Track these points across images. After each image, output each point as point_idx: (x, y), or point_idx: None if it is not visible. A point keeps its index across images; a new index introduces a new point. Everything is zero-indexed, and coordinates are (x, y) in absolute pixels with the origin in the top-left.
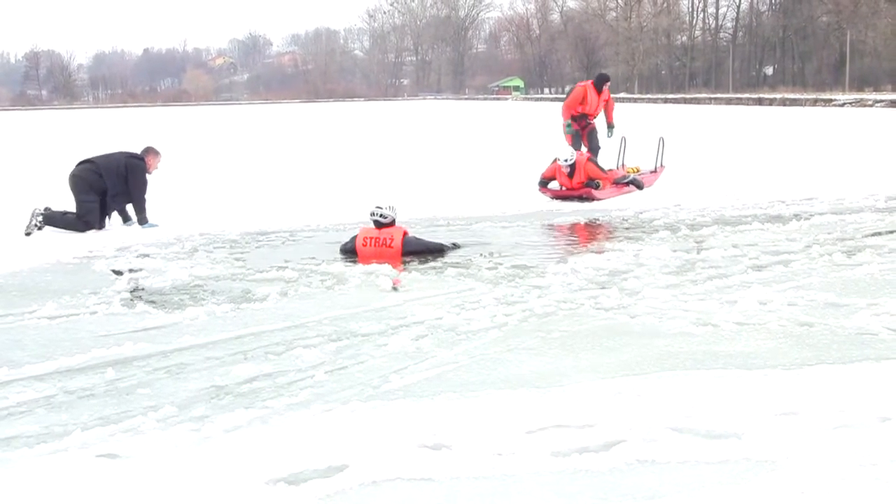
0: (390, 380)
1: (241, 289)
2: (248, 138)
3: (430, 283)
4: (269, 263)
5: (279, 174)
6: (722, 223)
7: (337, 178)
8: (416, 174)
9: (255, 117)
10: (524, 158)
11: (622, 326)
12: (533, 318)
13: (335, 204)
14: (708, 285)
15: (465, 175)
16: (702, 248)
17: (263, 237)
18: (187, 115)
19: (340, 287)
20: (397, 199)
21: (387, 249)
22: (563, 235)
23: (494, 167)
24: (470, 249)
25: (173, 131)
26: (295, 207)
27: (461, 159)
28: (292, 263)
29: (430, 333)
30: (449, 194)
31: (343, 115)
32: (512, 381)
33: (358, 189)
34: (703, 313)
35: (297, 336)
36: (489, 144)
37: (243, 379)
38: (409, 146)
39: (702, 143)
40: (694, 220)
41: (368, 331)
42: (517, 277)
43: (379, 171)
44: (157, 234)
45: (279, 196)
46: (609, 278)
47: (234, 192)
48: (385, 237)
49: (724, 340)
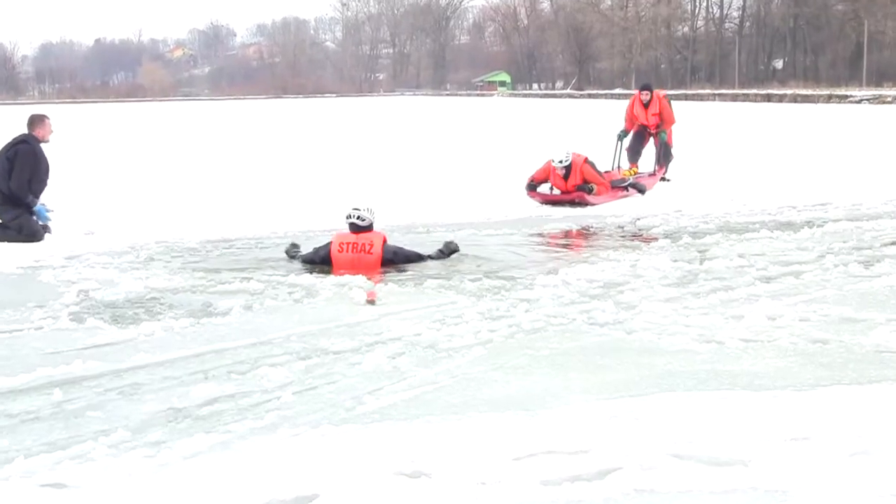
0: (364, 401)
1: (201, 302)
2: (209, 137)
3: (409, 296)
4: (232, 274)
5: (244, 176)
6: (727, 231)
7: (307, 181)
8: (394, 177)
9: (217, 114)
10: (511, 160)
11: (618, 343)
12: (520, 335)
13: (305, 209)
14: (712, 298)
15: (447, 178)
16: (705, 258)
17: (226, 245)
18: (143, 111)
19: (310, 300)
20: (373, 204)
21: (366, 256)
22: (554, 244)
23: (478, 169)
24: (452, 259)
25: (127, 129)
26: (261, 213)
27: (442, 161)
28: (258, 274)
29: (407, 351)
30: (429, 199)
31: (313, 113)
32: (497, 402)
33: (330, 193)
34: (707, 329)
35: (262, 353)
36: (473, 144)
37: (203, 400)
38: (385, 146)
39: (705, 143)
40: (696, 227)
41: (341, 348)
42: (503, 290)
43: (353, 174)
44: (110, 242)
45: (244, 200)
46: (603, 291)
47: (195, 195)
48: (364, 242)
49: (729, 359)
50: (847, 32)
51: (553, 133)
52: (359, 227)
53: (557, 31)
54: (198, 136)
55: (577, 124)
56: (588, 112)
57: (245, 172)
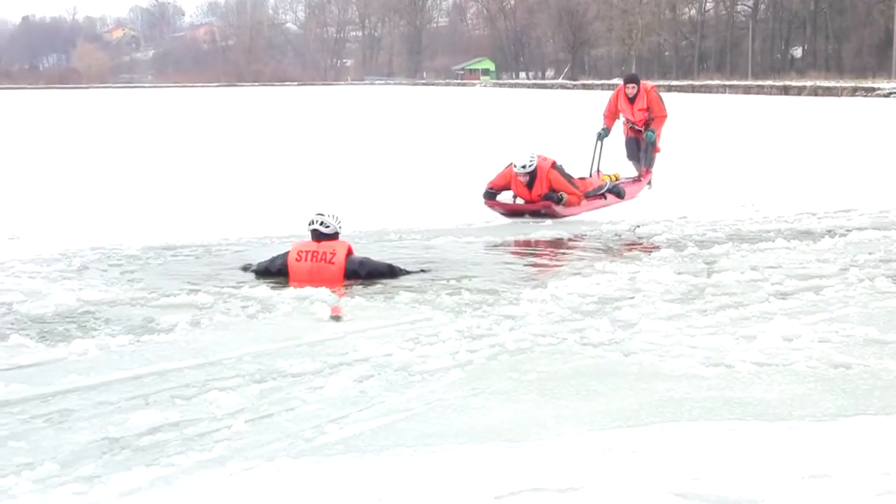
0: (327, 431)
1: (141, 317)
2: (153, 130)
3: (378, 312)
4: (177, 285)
5: (192, 175)
6: (738, 240)
7: (264, 180)
8: (363, 177)
9: (163, 103)
10: (494, 158)
11: (614, 366)
12: (504, 356)
13: (262, 213)
14: (720, 316)
15: (423, 178)
16: (713, 271)
17: (171, 252)
18: (77, 99)
19: (266, 315)
20: (339, 207)
21: (326, 266)
22: (542, 254)
23: (458, 169)
24: (424, 272)
25: (59, 119)
26: (211, 216)
27: (418, 159)
28: (207, 285)
29: (376, 373)
30: (402, 202)
31: (272, 103)
32: (478, 433)
33: (290, 195)
34: (715, 351)
35: (211, 376)
36: (452, 141)
37: (144, 429)
38: (353, 142)
39: (714, 140)
40: (703, 235)
41: (300, 370)
42: (485, 305)
43: (317, 173)
44: (37, 248)
45: (192, 202)
46: (598, 307)
47: (136, 196)
48: (325, 251)
49: (739, 385)
50: (874, 17)
51: (543, 128)
52: (322, 234)
53: (548, 13)
54: (140, 129)
55: (571, 118)
56: (583, 105)
57: (193, 170)
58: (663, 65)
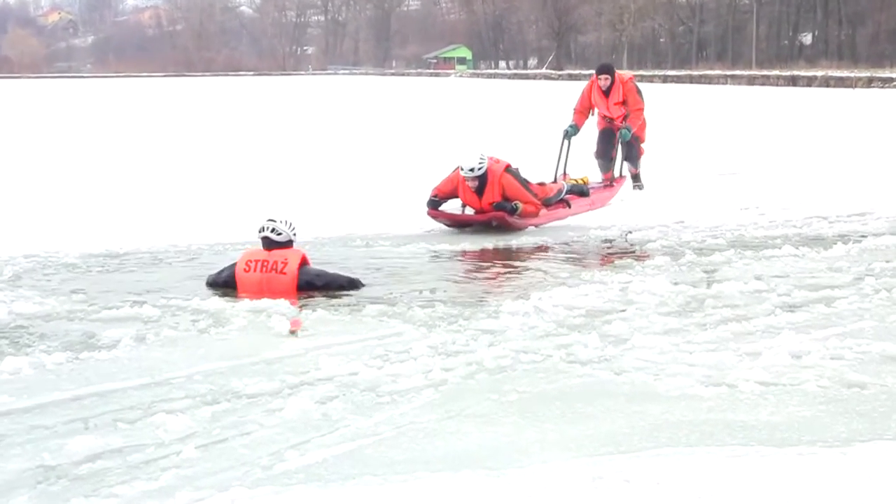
0: (286, 458)
1: (81, 331)
2: (93, 124)
3: (343, 326)
4: (120, 297)
5: (136, 175)
6: (741, 247)
7: (217, 180)
8: (326, 177)
9: (104, 95)
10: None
11: (604, 386)
12: (482, 374)
13: (213, 217)
14: (721, 331)
15: (392, 179)
16: (713, 281)
17: (114, 260)
18: (8, 90)
19: (219, 330)
20: (299, 209)
21: (277, 277)
22: (524, 262)
23: (431, 167)
24: (396, 280)
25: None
26: (158, 221)
27: (386, 156)
28: (153, 297)
29: (341, 394)
30: (370, 204)
31: (225, 94)
32: (453, 459)
33: (246, 197)
34: (715, 369)
35: (158, 397)
36: (424, 136)
37: (83, 456)
38: (314, 139)
39: (713, 137)
40: (703, 242)
41: (256, 390)
42: (461, 318)
43: (275, 172)
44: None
45: (136, 205)
46: (586, 320)
47: (75, 198)
48: (276, 260)
49: (743, 406)
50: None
51: (525, 123)
52: (273, 242)
53: None
54: (79, 123)
55: (555, 112)
56: (568, 97)
57: (138, 170)
58: (658, 53)
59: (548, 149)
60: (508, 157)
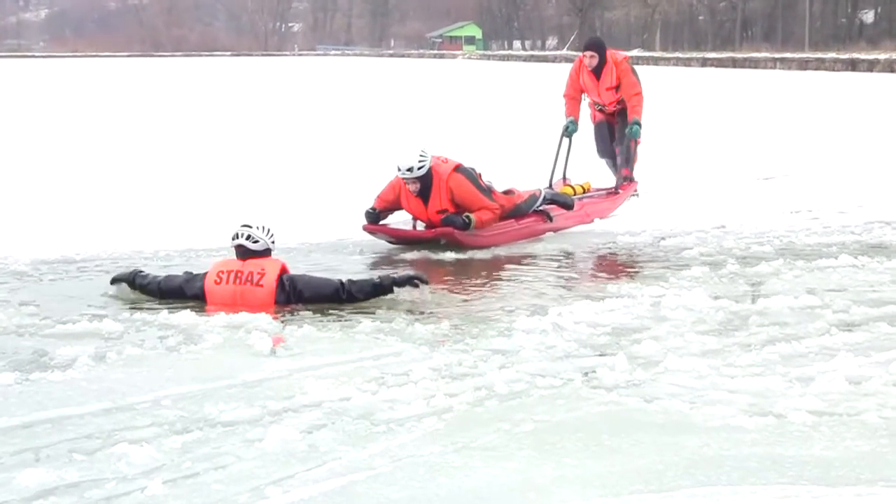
0: (267, 495)
1: (31, 349)
2: (46, 111)
3: (333, 344)
4: (77, 309)
5: (96, 170)
6: (791, 255)
7: (188, 178)
8: (313, 175)
9: (59, 77)
10: (480, 149)
11: (632, 415)
12: (492, 401)
13: (184, 218)
14: (768, 353)
15: (388, 176)
16: (759, 295)
17: (70, 267)
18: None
19: (190, 348)
20: (283, 211)
21: (252, 290)
22: (542, 272)
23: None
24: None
25: None
26: (120, 223)
27: (382, 151)
28: (114, 309)
29: (330, 422)
30: (363, 206)
31: (198, 78)
32: (459, 498)
33: (221, 196)
34: (761, 396)
35: (120, 424)
36: (425, 128)
37: (33, 492)
38: (300, 129)
39: (760, 129)
40: (747, 249)
41: (233, 417)
42: (468, 336)
43: (255, 169)
44: None
45: (96, 205)
46: (613, 339)
47: (24, 197)
48: (252, 271)
49: (793, 440)
50: None
51: (542, 112)
52: (248, 251)
53: None
54: (29, 109)
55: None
56: None
57: (99, 164)
58: (696, 32)
59: (583, 147)
60: (525, 156)
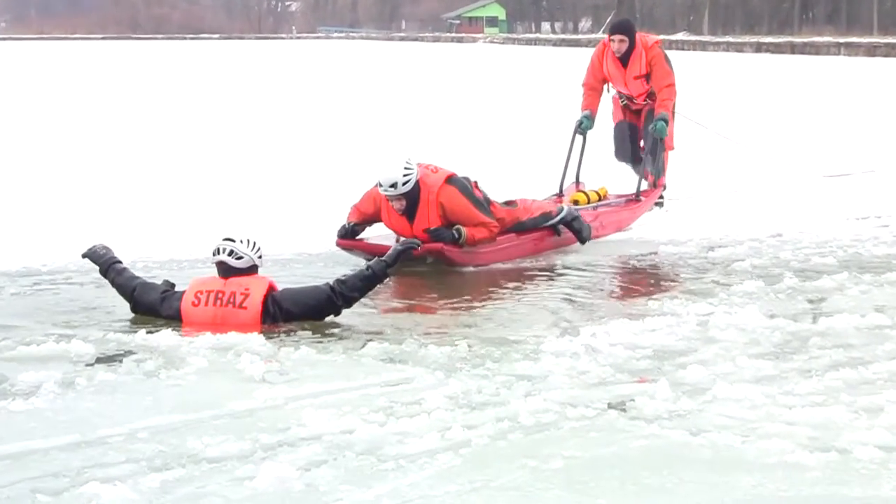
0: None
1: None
2: (4, 102)
3: (334, 369)
4: (42, 328)
5: (65, 169)
6: (857, 268)
7: (170, 176)
8: (313, 173)
9: (22, 62)
10: (503, 148)
11: (677, 450)
12: (516, 434)
13: (166, 225)
14: (831, 379)
15: None
16: (820, 314)
17: (33, 280)
18: None
19: (171, 372)
20: (279, 216)
21: (235, 313)
22: (573, 286)
23: (451, 161)
24: (404, 308)
25: None
26: (91, 229)
27: (390, 147)
28: (84, 329)
29: (331, 458)
30: None
31: (182, 64)
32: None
33: (208, 199)
34: (823, 429)
35: (90, 460)
36: (441, 121)
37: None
38: (298, 122)
39: (821, 124)
40: (806, 261)
41: (220, 452)
42: (489, 360)
43: (246, 167)
44: None
45: (63, 209)
46: (654, 363)
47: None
48: (235, 291)
49: (859, 478)
50: None
51: (573, 106)
52: (231, 268)
53: None
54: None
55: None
56: None
57: (67, 161)
58: (750, 13)
59: (600, 145)
60: (552, 158)
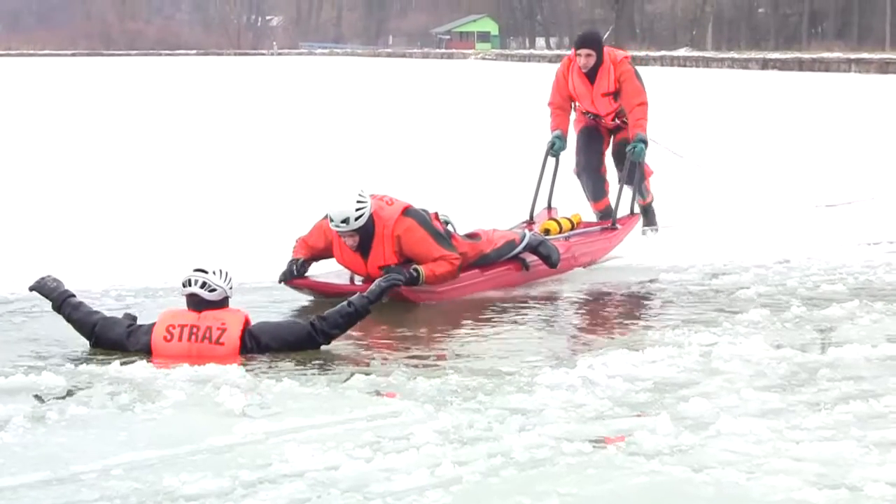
0: None
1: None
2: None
3: (318, 402)
4: (10, 359)
5: (33, 193)
6: (868, 296)
7: (145, 199)
8: (296, 196)
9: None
10: (495, 170)
11: (678, 487)
12: (509, 470)
13: (142, 250)
14: (840, 412)
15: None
16: (829, 343)
17: (1, 310)
18: None
19: (146, 406)
20: (260, 243)
21: (212, 349)
22: (569, 315)
23: (440, 185)
24: (394, 339)
25: None
26: (62, 255)
27: (377, 169)
28: (55, 360)
29: (315, 496)
30: None
31: (157, 80)
32: None
33: (185, 223)
34: (832, 465)
35: (62, 498)
36: (430, 143)
37: None
38: (280, 141)
39: (830, 144)
40: (815, 288)
41: (199, 490)
42: (481, 392)
43: (225, 188)
44: None
45: (31, 233)
46: (654, 396)
47: None
48: (209, 326)
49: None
50: None
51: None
52: (203, 301)
53: None
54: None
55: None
56: None
57: (37, 185)
58: (756, 28)
59: None
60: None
